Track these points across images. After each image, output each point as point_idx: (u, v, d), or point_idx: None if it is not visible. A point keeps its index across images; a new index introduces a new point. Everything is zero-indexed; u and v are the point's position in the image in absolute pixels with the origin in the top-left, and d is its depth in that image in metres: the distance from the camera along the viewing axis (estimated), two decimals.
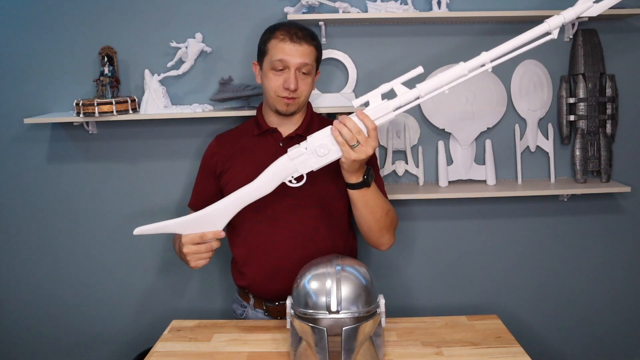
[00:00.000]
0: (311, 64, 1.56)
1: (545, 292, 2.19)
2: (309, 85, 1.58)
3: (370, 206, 1.46)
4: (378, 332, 1.29)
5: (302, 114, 1.66)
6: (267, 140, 1.62)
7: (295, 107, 1.58)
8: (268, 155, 1.56)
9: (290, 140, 1.60)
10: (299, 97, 1.57)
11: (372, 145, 1.33)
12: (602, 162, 2.04)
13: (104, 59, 1.98)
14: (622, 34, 2.04)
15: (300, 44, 1.53)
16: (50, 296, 2.19)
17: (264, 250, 1.58)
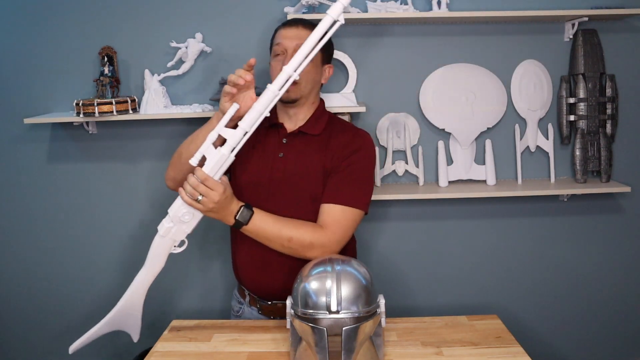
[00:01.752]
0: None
1: (545, 292, 2.19)
2: (308, 72, 1.51)
3: (262, 238, 1.45)
4: (378, 332, 1.29)
5: (309, 110, 1.60)
6: (273, 134, 1.60)
7: (297, 94, 1.53)
8: (272, 150, 1.56)
9: (292, 137, 1.57)
10: (300, 82, 1.48)
11: (214, 195, 1.34)
12: (602, 162, 2.04)
13: (104, 59, 1.98)
14: (622, 34, 2.04)
15: (297, 27, 1.54)
16: (50, 296, 2.19)
17: (253, 243, 1.52)
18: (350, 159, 1.53)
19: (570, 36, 2.02)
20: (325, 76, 1.61)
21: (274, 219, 1.46)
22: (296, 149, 1.56)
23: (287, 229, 1.45)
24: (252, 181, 1.56)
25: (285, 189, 1.53)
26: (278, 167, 1.54)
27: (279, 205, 1.53)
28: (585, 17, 1.92)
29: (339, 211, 1.48)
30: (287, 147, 1.56)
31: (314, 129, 1.57)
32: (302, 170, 1.53)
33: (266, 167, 1.55)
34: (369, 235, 2.15)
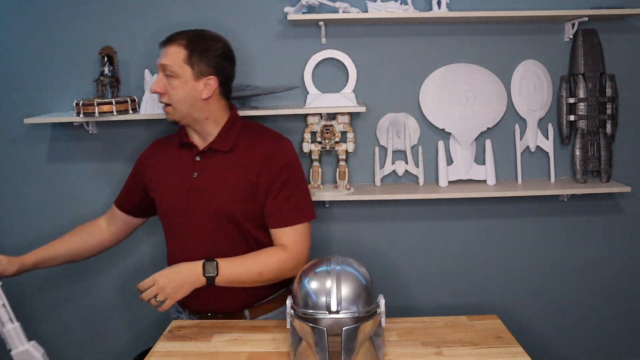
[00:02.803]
0: (173, 64, 1.46)
1: (546, 292, 2.19)
2: (176, 89, 1.47)
3: (236, 282, 1.47)
4: (378, 332, 1.29)
5: (217, 125, 1.55)
6: (185, 154, 1.57)
7: (173, 116, 1.51)
8: (186, 170, 1.54)
9: (205, 155, 1.54)
10: (171, 103, 1.48)
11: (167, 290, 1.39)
12: (602, 162, 2.04)
13: (104, 59, 1.98)
14: (622, 34, 2.04)
15: (164, 46, 1.50)
16: (50, 296, 2.19)
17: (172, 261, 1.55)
18: (282, 177, 1.51)
19: (570, 36, 2.02)
20: (207, 90, 1.50)
21: (238, 259, 1.47)
22: (211, 167, 1.53)
23: (254, 265, 1.48)
24: (172, 206, 1.56)
25: (205, 209, 1.51)
26: (194, 188, 1.52)
27: (200, 227, 1.52)
28: (585, 17, 1.91)
29: (293, 232, 1.51)
30: (201, 165, 1.53)
31: (223, 145, 1.53)
32: (219, 188, 1.50)
33: (182, 190, 1.53)
34: (369, 235, 2.15)
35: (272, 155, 1.53)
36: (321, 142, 2.03)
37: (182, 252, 1.54)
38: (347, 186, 2.03)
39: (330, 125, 2.02)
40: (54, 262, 1.67)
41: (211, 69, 1.50)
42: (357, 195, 1.97)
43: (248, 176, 1.51)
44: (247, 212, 1.52)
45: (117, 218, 1.74)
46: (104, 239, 1.74)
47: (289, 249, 1.50)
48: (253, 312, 1.60)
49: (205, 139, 1.55)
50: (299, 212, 1.53)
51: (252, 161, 1.52)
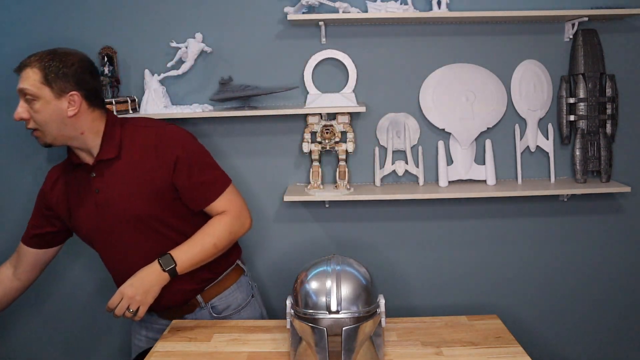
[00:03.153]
0: (31, 87, 1.42)
1: (545, 292, 2.19)
2: (39, 112, 1.42)
3: (198, 263, 1.50)
4: (378, 332, 1.29)
5: (96, 137, 1.49)
6: (81, 174, 1.53)
7: (44, 140, 1.47)
8: (86, 190, 1.52)
9: (97, 170, 1.50)
10: (37, 127, 1.44)
11: (138, 298, 1.42)
12: (602, 162, 2.04)
13: (104, 59, 1.98)
14: (622, 34, 2.04)
15: (19, 72, 1.46)
16: (50, 295, 2.19)
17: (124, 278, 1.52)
18: (184, 161, 1.49)
19: (570, 36, 2.02)
20: (73, 107, 1.44)
21: (188, 242, 1.50)
22: (107, 179, 1.50)
23: (205, 240, 1.50)
24: (89, 228, 1.54)
25: (119, 220, 1.50)
26: (99, 204, 1.50)
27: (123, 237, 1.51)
28: (585, 17, 1.91)
29: (223, 199, 1.54)
30: (98, 180, 1.50)
31: (109, 153, 1.49)
32: (124, 195, 1.49)
33: (91, 209, 1.51)
34: (369, 235, 2.15)
35: (163, 144, 1.50)
36: (321, 142, 2.03)
37: (120, 267, 1.55)
38: (347, 186, 2.03)
39: (330, 125, 2.02)
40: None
41: (71, 85, 1.44)
42: (357, 195, 1.97)
43: (147, 173, 1.48)
44: (159, 207, 1.50)
45: (28, 258, 1.65)
46: (13, 287, 1.65)
47: (228, 212, 1.54)
48: (206, 296, 1.62)
49: (92, 154, 1.50)
50: (218, 183, 1.56)
51: (145, 158, 1.49)
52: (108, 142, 1.49)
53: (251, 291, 1.74)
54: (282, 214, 2.14)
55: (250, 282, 1.76)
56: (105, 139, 1.49)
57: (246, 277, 1.75)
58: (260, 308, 1.77)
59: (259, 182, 2.10)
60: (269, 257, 2.17)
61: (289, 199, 1.97)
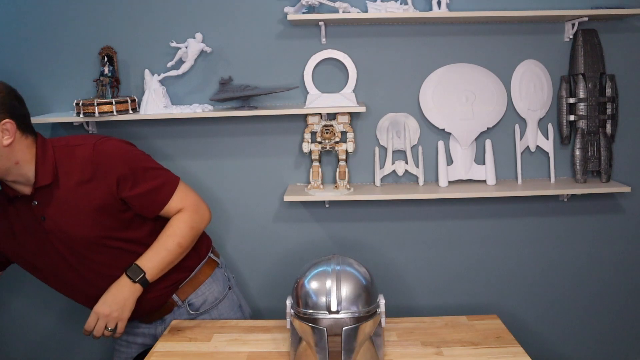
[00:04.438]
0: None
1: (545, 292, 2.19)
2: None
3: (166, 266, 1.50)
4: (378, 332, 1.29)
5: (29, 165, 1.41)
6: (20, 204, 1.46)
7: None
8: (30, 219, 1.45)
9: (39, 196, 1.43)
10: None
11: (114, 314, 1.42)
12: (602, 162, 2.04)
13: (104, 59, 1.98)
14: (622, 34, 2.04)
15: None
16: (49, 295, 2.18)
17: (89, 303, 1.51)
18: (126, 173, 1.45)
19: (570, 36, 2.02)
20: (8, 136, 1.36)
21: (152, 249, 1.49)
22: (51, 204, 1.44)
23: (168, 242, 1.49)
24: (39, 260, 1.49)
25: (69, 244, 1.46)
26: (49, 231, 1.45)
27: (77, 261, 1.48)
28: (585, 17, 1.91)
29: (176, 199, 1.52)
30: (41, 208, 1.44)
31: (46, 179, 1.42)
32: (70, 218, 1.44)
33: (39, 239, 1.46)
34: (369, 235, 2.15)
35: (102, 162, 1.44)
36: (321, 142, 2.03)
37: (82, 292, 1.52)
38: (347, 186, 2.03)
39: (330, 125, 2.02)
40: None
41: (3, 113, 1.35)
42: (357, 195, 1.97)
43: (89, 193, 1.44)
44: (108, 223, 1.47)
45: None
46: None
47: (185, 209, 1.53)
48: (181, 294, 1.61)
49: (28, 182, 1.43)
50: (167, 184, 1.53)
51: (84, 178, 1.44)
52: (42, 167, 1.42)
53: (227, 283, 1.71)
54: (282, 214, 2.14)
55: (226, 273, 1.73)
56: (38, 165, 1.41)
57: (221, 269, 1.71)
58: (239, 299, 1.74)
59: (259, 182, 2.10)
60: (269, 257, 2.17)
61: (289, 199, 1.97)
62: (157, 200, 1.50)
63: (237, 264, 2.17)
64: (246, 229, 2.14)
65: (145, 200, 1.49)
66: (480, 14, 1.88)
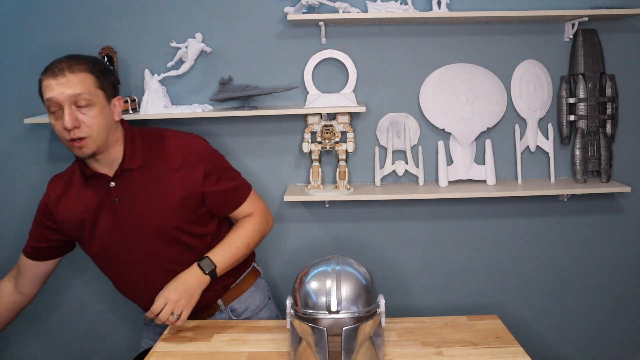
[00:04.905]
0: (86, 92, 1.35)
1: (545, 291, 2.19)
2: (95, 117, 1.36)
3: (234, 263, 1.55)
4: (378, 332, 1.29)
5: (119, 146, 1.46)
6: (97, 184, 1.48)
7: (91, 148, 1.38)
8: (105, 199, 1.47)
9: (118, 179, 1.46)
10: (90, 135, 1.36)
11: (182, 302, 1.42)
12: (602, 162, 2.04)
13: (104, 59, 1.98)
14: (622, 34, 2.04)
15: (64, 75, 1.34)
16: (49, 296, 2.19)
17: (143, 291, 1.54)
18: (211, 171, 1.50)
19: (570, 36, 2.02)
20: (117, 112, 1.44)
21: (223, 244, 1.53)
22: (130, 188, 1.46)
23: (239, 241, 1.55)
24: (105, 240, 1.50)
25: (140, 230, 1.47)
26: (120, 214, 1.47)
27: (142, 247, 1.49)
28: (585, 17, 1.92)
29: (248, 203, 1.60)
30: (119, 190, 1.46)
31: (134, 162, 1.46)
32: (147, 205, 1.46)
33: (109, 220, 1.47)
34: (369, 235, 2.15)
35: (190, 156, 1.49)
36: (321, 142, 2.03)
37: (136, 279, 1.53)
38: (347, 186, 2.03)
39: (330, 125, 2.03)
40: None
41: (113, 89, 1.43)
42: (357, 195, 1.97)
43: (172, 183, 1.47)
44: (183, 215, 1.49)
45: (30, 270, 1.62)
46: (15, 301, 1.63)
47: (254, 214, 1.60)
48: (225, 299, 1.64)
49: (111, 164, 1.46)
50: (241, 189, 1.61)
51: (169, 168, 1.47)
52: (131, 150, 1.46)
53: (267, 293, 1.77)
54: (282, 214, 2.14)
55: (266, 283, 1.79)
56: (127, 148, 1.46)
57: (262, 279, 1.77)
58: (276, 310, 1.79)
59: (259, 182, 2.10)
60: (269, 257, 2.17)
61: (289, 199, 1.97)
62: (234, 200, 1.58)
63: None
64: None
65: (224, 198, 1.55)
66: (480, 14, 1.88)
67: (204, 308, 1.60)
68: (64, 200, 1.52)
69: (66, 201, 1.51)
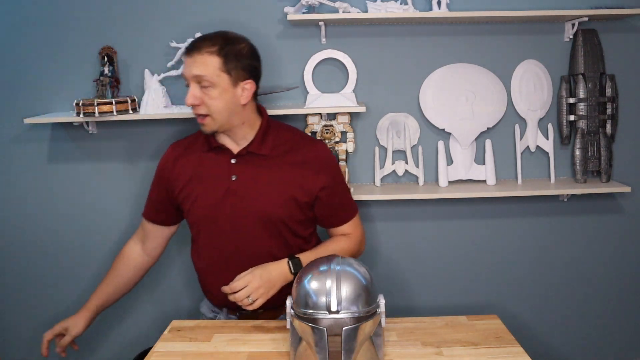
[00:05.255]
0: (209, 74, 1.40)
1: (545, 292, 2.19)
2: (215, 99, 1.42)
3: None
4: (378, 332, 1.29)
5: (251, 129, 1.52)
6: (218, 156, 1.53)
7: (211, 127, 1.46)
8: (222, 172, 1.51)
9: (242, 158, 1.52)
10: (209, 114, 1.43)
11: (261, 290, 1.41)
12: (602, 162, 2.04)
13: (104, 59, 1.98)
14: (622, 34, 2.04)
15: (192, 54, 1.41)
16: (50, 296, 2.19)
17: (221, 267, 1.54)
18: (329, 180, 1.55)
19: (570, 36, 2.02)
20: (244, 95, 1.47)
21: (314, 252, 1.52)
22: (249, 170, 1.51)
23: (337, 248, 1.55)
24: (208, 211, 1.53)
25: (245, 212, 1.50)
26: (232, 191, 1.50)
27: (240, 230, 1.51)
28: (585, 17, 1.92)
29: (349, 225, 1.61)
30: (238, 168, 1.51)
31: (262, 149, 1.51)
32: (260, 191, 1.50)
33: (219, 193, 1.51)
34: (369, 235, 2.15)
35: (316, 159, 1.54)
36: None
37: (220, 257, 1.55)
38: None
39: (330, 125, 2.03)
40: (109, 303, 1.68)
41: (246, 73, 1.46)
42: (357, 195, 1.97)
43: (291, 180, 1.51)
44: (287, 213, 1.53)
45: (153, 234, 1.68)
46: (143, 262, 1.70)
47: (352, 236, 1.61)
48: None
49: (239, 143, 1.52)
50: (350, 208, 1.63)
51: (293, 165, 1.52)
52: (263, 138, 1.52)
53: None
54: None
55: None
56: (260, 134, 1.52)
57: None
58: None
59: None
60: None
61: None
62: (341, 216, 1.61)
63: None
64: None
65: (333, 211, 1.59)
66: (480, 14, 1.88)
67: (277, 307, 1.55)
68: (182, 161, 1.57)
69: (183, 162, 1.56)
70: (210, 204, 1.52)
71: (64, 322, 1.59)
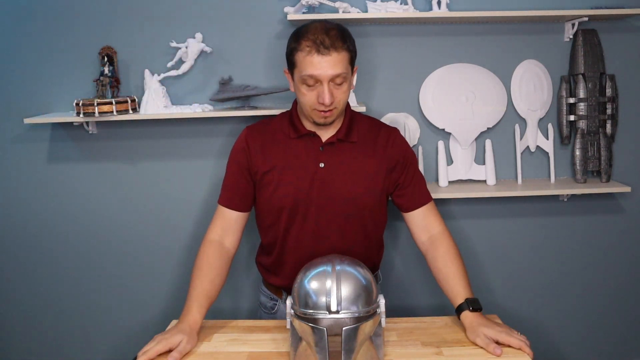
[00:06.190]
0: (345, 71, 1.42)
1: (545, 292, 2.19)
2: (345, 92, 1.46)
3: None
4: (378, 332, 1.29)
5: (341, 116, 1.55)
6: (306, 143, 1.54)
7: (333, 117, 1.48)
8: (310, 159, 1.53)
9: (330, 146, 1.53)
10: (337, 107, 1.46)
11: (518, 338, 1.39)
12: (602, 162, 2.04)
13: (104, 59, 1.98)
14: (622, 34, 2.04)
15: (329, 54, 1.38)
16: (49, 296, 2.19)
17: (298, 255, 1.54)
18: (410, 164, 1.60)
19: (570, 36, 2.02)
20: (354, 81, 1.54)
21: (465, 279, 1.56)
22: (337, 158, 1.53)
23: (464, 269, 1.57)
24: (292, 197, 1.52)
25: (331, 200, 1.52)
26: (320, 178, 1.52)
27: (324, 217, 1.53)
28: (585, 17, 1.92)
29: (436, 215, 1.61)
30: (327, 156, 1.53)
31: (351, 136, 1.54)
32: (347, 179, 1.52)
33: (306, 180, 1.52)
34: None
35: (396, 144, 1.58)
36: None
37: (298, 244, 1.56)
38: None
39: None
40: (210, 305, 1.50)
41: (354, 59, 1.49)
42: None
43: (376, 166, 1.54)
44: (373, 201, 1.55)
45: (236, 223, 1.59)
46: (230, 257, 1.59)
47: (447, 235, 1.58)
48: None
49: (328, 131, 1.54)
50: (426, 190, 1.64)
51: (379, 152, 1.55)
52: (352, 125, 1.55)
53: None
54: None
55: None
56: (347, 121, 1.55)
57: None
58: None
59: None
60: None
61: None
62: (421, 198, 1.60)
63: (238, 263, 2.16)
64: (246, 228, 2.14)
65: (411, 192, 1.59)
66: (480, 14, 1.88)
67: None
68: (263, 147, 1.56)
69: (265, 148, 1.55)
70: (294, 191, 1.52)
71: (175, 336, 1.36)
